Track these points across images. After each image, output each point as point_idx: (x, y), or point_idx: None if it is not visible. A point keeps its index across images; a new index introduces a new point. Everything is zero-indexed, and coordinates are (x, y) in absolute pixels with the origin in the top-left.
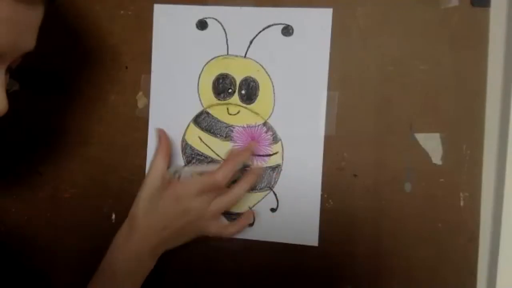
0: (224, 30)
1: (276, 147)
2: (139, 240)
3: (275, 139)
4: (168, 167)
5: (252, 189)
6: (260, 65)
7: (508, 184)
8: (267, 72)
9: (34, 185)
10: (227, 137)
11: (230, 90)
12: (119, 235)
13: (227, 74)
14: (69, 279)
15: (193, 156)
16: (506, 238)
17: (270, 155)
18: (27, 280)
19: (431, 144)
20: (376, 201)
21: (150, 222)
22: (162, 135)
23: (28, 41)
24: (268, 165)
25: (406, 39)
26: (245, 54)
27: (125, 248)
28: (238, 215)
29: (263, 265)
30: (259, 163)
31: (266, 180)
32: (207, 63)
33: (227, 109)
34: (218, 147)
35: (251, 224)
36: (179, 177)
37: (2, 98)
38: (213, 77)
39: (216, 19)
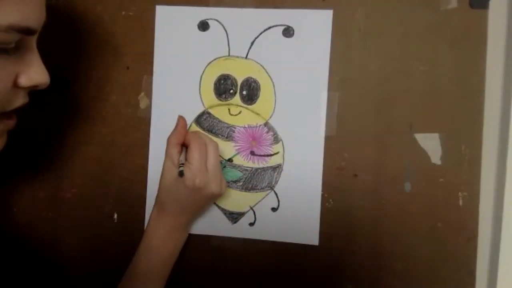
0: (226, 31)
1: (277, 147)
2: (169, 221)
3: (276, 140)
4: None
5: (253, 188)
6: (261, 66)
7: (509, 184)
8: (268, 73)
9: (35, 185)
10: (229, 137)
11: (231, 91)
12: (151, 219)
13: (229, 74)
14: (71, 278)
15: None
16: (506, 237)
17: (271, 155)
18: (28, 280)
19: (431, 144)
20: (376, 200)
21: (175, 207)
22: (179, 122)
23: (44, 13)
24: (269, 165)
25: (405, 40)
26: (246, 55)
27: (157, 228)
28: (240, 214)
29: (264, 264)
30: (260, 163)
31: (267, 180)
32: (208, 64)
33: (229, 109)
34: (220, 148)
35: (252, 224)
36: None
37: (45, 71)
38: (214, 78)
39: (217, 20)
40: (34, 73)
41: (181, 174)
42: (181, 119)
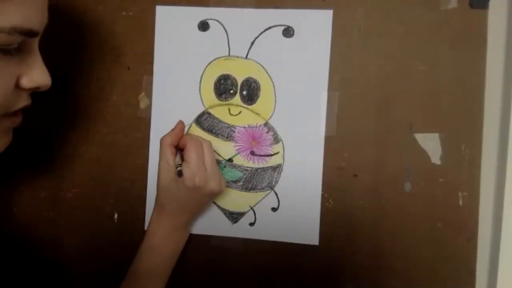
0: (226, 31)
1: (277, 147)
2: (169, 221)
3: (276, 140)
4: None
5: (253, 188)
6: (261, 66)
7: (509, 184)
8: (268, 73)
9: (36, 185)
10: (229, 137)
11: (231, 91)
12: (152, 220)
13: (229, 75)
14: (71, 278)
15: None
16: (506, 237)
17: (271, 155)
18: (28, 280)
19: (431, 144)
20: (376, 200)
21: (175, 207)
22: (177, 125)
23: (46, 15)
24: (269, 165)
25: (405, 40)
26: (247, 55)
27: (158, 229)
28: (240, 214)
29: (264, 264)
30: (261, 163)
31: (267, 180)
32: (208, 64)
33: (229, 109)
34: (220, 147)
35: (252, 224)
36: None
37: (47, 73)
38: (214, 78)
39: (217, 21)
40: (36, 74)
41: (180, 174)
42: (180, 123)
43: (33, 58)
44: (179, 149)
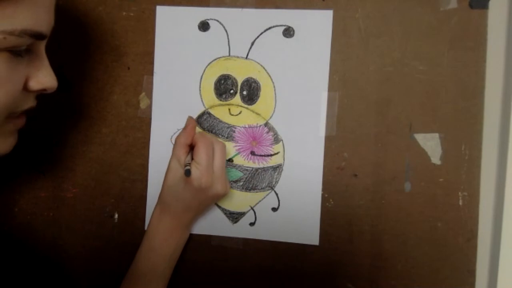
0: (226, 31)
1: (277, 147)
2: (171, 220)
3: (276, 140)
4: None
5: (254, 188)
6: (262, 66)
7: (509, 184)
8: (268, 73)
9: (36, 185)
10: (229, 137)
11: (231, 91)
12: (153, 218)
13: (229, 75)
14: (71, 278)
15: None
16: (506, 237)
17: (271, 155)
18: (28, 280)
19: (430, 144)
20: (376, 200)
21: (178, 206)
22: (189, 123)
23: (53, 18)
24: (269, 165)
25: (405, 40)
26: (247, 55)
27: (159, 228)
28: (240, 214)
29: (264, 264)
30: (261, 163)
31: (267, 180)
32: (209, 64)
33: (229, 109)
34: None
35: (253, 224)
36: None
37: (54, 75)
38: (215, 78)
39: (218, 21)
40: (43, 77)
41: (187, 173)
42: (191, 120)
43: (40, 61)
44: (190, 147)
